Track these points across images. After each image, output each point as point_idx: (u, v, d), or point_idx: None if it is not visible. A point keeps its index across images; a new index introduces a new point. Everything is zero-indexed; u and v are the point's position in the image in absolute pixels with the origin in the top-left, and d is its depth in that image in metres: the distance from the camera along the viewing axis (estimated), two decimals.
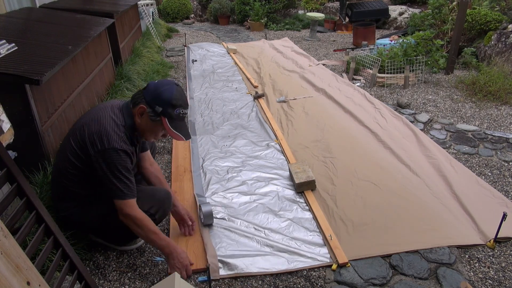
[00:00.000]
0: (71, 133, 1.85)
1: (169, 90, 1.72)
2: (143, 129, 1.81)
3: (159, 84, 1.76)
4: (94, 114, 1.80)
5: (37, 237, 1.38)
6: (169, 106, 1.71)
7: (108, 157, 1.68)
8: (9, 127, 1.80)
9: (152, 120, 1.75)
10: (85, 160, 1.76)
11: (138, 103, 1.76)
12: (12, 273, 1.09)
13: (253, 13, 9.25)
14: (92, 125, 1.74)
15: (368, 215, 2.35)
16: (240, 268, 1.96)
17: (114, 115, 1.77)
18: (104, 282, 1.93)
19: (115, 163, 1.69)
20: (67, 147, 1.81)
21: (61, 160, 1.85)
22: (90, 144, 1.71)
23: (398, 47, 5.06)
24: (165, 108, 1.71)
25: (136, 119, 1.79)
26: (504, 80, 4.29)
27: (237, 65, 5.83)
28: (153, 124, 1.77)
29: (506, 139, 3.32)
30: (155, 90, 1.73)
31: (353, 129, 3.46)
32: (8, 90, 2.08)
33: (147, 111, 1.73)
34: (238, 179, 2.80)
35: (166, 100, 1.71)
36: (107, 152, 1.68)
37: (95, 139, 1.70)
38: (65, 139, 1.90)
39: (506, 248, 2.12)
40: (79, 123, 1.83)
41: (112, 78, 4.14)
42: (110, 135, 1.69)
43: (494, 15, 5.43)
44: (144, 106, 1.73)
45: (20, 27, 3.09)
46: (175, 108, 1.73)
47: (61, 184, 1.87)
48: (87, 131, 1.73)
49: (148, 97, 1.73)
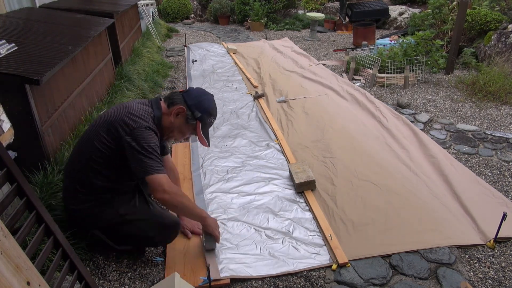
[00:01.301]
0: (97, 125, 1.85)
1: (209, 99, 1.93)
2: (173, 128, 1.90)
3: (201, 92, 1.95)
4: (122, 105, 1.87)
5: (37, 237, 1.38)
6: (206, 113, 1.90)
7: (140, 135, 1.71)
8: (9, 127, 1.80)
9: (187, 122, 1.89)
10: (114, 146, 1.77)
11: (176, 103, 1.88)
12: (12, 273, 1.09)
13: (253, 13, 9.25)
14: (122, 111, 1.80)
15: (368, 215, 2.35)
16: (240, 270, 1.96)
17: (142, 104, 1.86)
18: (104, 282, 1.93)
19: (147, 140, 1.71)
20: (93, 137, 1.82)
21: (85, 151, 1.85)
22: (121, 126, 1.74)
23: (398, 47, 5.06)
24: (203, 115, 1.89)
25: (168, 117, 1.88)
26: (504, 80, 4.29)
27: (237, 65, 5.83)
28: (186, 126, 1.91)
29: (506, 139, 3.32)
30: (197, 97, 1.90)
31: (353, 129, 3.46)
32: (8, 90, 2.08)
33: (186, 113, 1.87)
34: (238, 179, 2.80)
35: (206, 108, 1.90)
36: (139, 130, 1.72)
37: (126, 121, 1.74)
38: (89, 131, 1.90)
39: (506, 248, 2.12)
40: (107, 115, 1.85)
41: (112, 78, 4.13)
42: (140, 117, 1.77)
43: (494, 15, 5.43)
44: (183, 107, 1.86)
45: (20, 27, 3.09)
46: (210, 116, 1.93)
47: (82, 175, 1.86)
48: (117, 117, 1.78)
49: (190, 101, 1.87)
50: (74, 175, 1.90)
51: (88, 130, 1.92)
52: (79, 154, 1.90)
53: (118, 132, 1.74)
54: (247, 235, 2.23)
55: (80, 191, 1.88)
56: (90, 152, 1.82)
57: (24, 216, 1.39)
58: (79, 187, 1.88)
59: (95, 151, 1.80)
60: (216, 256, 2.04)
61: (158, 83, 4.85)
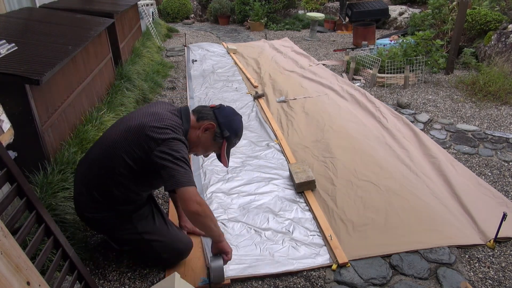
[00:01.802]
0: (124, 134, 1.74)
1: (239, 120, 1.91)
2: (198, 143, 1.84)
3: (232, 112, 1.91)
4: (151, 112, 1.77)
5: (37, 237, 1.38)
6: (234, 134, 1.87)
7: (172, 146, 1.64)
8: (9, 127, 1.80)
9: (214, 139, 1.84)
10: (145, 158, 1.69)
11: (207, 119, 1.83)
12: (12, 273, 1.09)
13: (253, 13, 9.25)
14: (151, 120, 1.71)
15: (368, 215, 2.35)
16: (240, 270, 1.96)
17: (172, 114, 1.79)
18: (104, 282, 1.93)
19: (179, 151, 1.64)
20: (120, 147, 1.72)
21: (109, 160, 1.74)
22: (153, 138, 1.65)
23: (398, 47, 5.06)
24: (231, 135, 1.85)
25: (196, 131, 1.82)
26: (504, 80, 4.29)
27: (237, 65, 5.83)
28: (212, 143, 1.86)
29: (506, 139, 3.32)
30: (228, 116, 1.86)
31: (353, 129, 3.45)
32: (8, 90, 2.08)
33: (215, 130, 1.82)
34: (238, 179, 2.80)
35: (235, 128, 1.87)
36: (170, 141, 1.65)
37: (157, 132, 1.66)
38: (113, 140, 1.76)
39: (506, 248, 2.12)
40: (135, 124, 1.73)
41: (112, 78, 4.13)
42: (172, 128, 1.70)
43: (494, 15, 5.42)
44: (214, 124, 1.82)
45: (20, 27, 3.09)
46: (236, 137, 1.90)
47: (102, 184, 1.78)
48: (146, 128, 1.68)
49: (221, 119, 1.83)
50: (93, 182, 1.80)
51: (112, 137, 1.78)
52: (100, 162, 1.78)
53: (149, 145, 1.66)
54: (247, 235, 2.23)
55: (98, 200, 1.80)
56: (116, 163, 1.72)
57: (24, 216, 1.39)
58: (97, 195, 1.79)
59: (122, 164, 1.72)
60: None
61: (158, 83, 4.85)
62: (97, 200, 1.80)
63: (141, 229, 1.87)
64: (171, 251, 1.94)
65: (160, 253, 1.92)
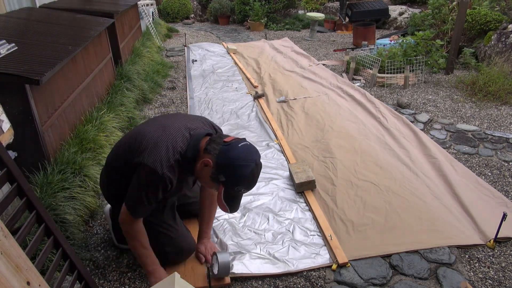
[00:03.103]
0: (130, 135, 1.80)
1: (246, 168, 1.53)
2: (200, 176, 1.66)
3: (243, 155, 1.54)
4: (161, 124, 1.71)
5: (37, 237, 1.38)
6: (233, 181, 1.55)
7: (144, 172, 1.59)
8: (9, 127, 1.80)
9: (211, 179, 1.59)
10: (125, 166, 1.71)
11: (209, 152, 1.57)
12: (12, 273, 1.09)
13: (253, 13, 9.25)
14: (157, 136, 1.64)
15: (368, 215, 2.35)
16: (240, 270, 1.96)
17: (182, 137, 1.65)
18: (104, 282, 1.93)
19: (146, 181, 1.60)
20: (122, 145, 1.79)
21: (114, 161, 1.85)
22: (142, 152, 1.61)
23: (398, 47, 5.06)
24: (228, 182, 1.55)
25: (197, 163, 1.62)
26: (504, 80, 4.29)
27: (237, 65, 5.83)
28: (209, 182, 1.62)
29: (506, 139, 3.32)
30: (232, 159, 1.53)
31: (353, 129, 3.45)
32: (8, 90, 2.08)
33: (212, 170, 1.57)
34: None
35: (236, 176, 1.54)
36: (144, 166, 1.57)
37: (146, 150, 1.60)
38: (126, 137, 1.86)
39: (506, 248, 2.12)
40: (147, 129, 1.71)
41: (112, 78, 4.13)
42: (160, 155, 1.57)
43: (494, 15, 5.42)
44: (210, 162, 1.56)
45: (20, 27, 3.09)
46: (237, 186, 1.57)
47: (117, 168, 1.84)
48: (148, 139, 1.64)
49: (221, 160, 1.54)
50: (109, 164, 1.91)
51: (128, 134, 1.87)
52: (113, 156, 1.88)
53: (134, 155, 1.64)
54: (247, 235, 2.23)
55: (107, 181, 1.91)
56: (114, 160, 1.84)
57: (24, 216, 1.39)
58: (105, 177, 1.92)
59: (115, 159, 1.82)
60: None
61: (158, 83, 4.85)
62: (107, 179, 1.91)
63: (149, 216, 1.84)
64: (175, 247, 1.93)
65: (164, 246, 1.91)
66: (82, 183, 2.37)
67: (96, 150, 2.74)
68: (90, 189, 2.40)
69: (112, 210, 2.11)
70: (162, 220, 1.92)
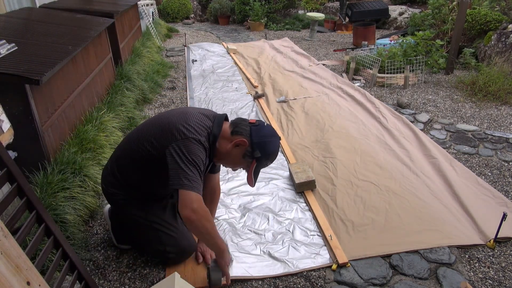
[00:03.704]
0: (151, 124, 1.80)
1: (274, 143, 1.78)
2: (227, 156, 1.78)
3: (270, 133, 1.78)
4: (183, 110, 1.80)
5: (37, 237, 1.38)
6: (266, 156, 1.76)
7: (188, 145, 1.62)
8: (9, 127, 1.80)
9: (244, 157, 1.75)
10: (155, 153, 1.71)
11: (241, 133, 1.74)
12: (12, 273, 1.09)
13: (253, 13, 9.25)
14: (180, 118, 1.72)
15: (368, 215, 2.35)
16: (240, 271, 1.96)
17: (204, 116, 1.77)
18: (104, 282, 1.93)
19: (194, 153, 1.62)
20: (142, 135, 1.78)
21: (131, 146, 1.83)
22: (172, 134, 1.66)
23: (398, 47, 5.06)
24: (262, 157, 1.75)
25: (227, 143, 1.76)
26: (504, 80, 4.29)
27: (237, 65, 5.83)
28: (241, 160, 1.78)
29: (506, 139, 3.32)
30: (264, 137, 1.75)
31: (353, 129, 3.45)
32: (8, 90, 2.08)
33: (247, 148, 1.73)
34: (238, 179, 2.79)
35: (268, 151, 1.76)
36: (188, 140, 1.63)
37: (179, 129, 1.66)
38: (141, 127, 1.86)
39: (506, 248, 2.12)
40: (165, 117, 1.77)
41: (112, 78, 4.14)
42: (195, 128, 1.68)
43: (494, 15, 5.43)
44: (246, 141, 1.73)
45: (20, 27, 3.09)
46: (267, 160, 1.79)
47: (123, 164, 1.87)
48: (173, 122, 1.70)
49: (256, 139, 1.73)
50: (118, 159, 1.91)
51: (141, 128, 1.86)
52: (128, 144, 1.87)
53: (167, 139, 1.66)
54: (247, 235, 2.23)
55: (116, 176, 1.89)
56: (133, 149, 1.80)
57: (24, 216, 1.39)
58: (116, 171, 1.89)
59: (138, 151, 1.77)
60: None
61: (158, 83, 4.85)
62: (115, 176, 1.89)
63: (151, 217, 1.89)
64: (177, 247, 1.93)
65: (165, 246, 1.91)
66: (82, 183, 2.37)
67: (96, 150, 2.74)
68: (90, 189, 2.40)
69: (111, 210, 2.11)
70: (163, 220, 1.92)
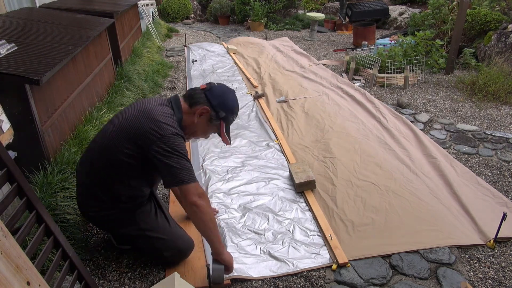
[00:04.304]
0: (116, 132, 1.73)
1: (233, 98, 1.84)
2: (195, 128, 1.83)
3: (224, 89, 1.84)
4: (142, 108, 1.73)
5: (37, 237, 1.38)
6: (230, 112, 1.82)
7: (169, 141, 1.62)
8: (8, 127, 1.80)
9: (211, 122, 1.82)
10: (139, 156, 1.69)
11: (200, 103, 1.78)
12: (12, 273, 1.09)
13: (253, 13, 9.25)
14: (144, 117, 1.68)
15: (368, 215, 2.35)
16: (240, 271, 1.96)
17: (162, 106, 1.76)
18: (104, 282, 1.93)
19: (178, 147, 1.63)
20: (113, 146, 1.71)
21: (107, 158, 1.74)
22: (147, 136, 1.63)
23: (398, 47, 5.06)
24: (227, 114, 1.81)
25: (190, 116, 1.79)
26: (504, 80, 4.29)
27: (237, 65, 5.83)
28: (209, 126, 1.84)
29: (506, 139, 3.32)
30: (221, 96, 1.80)
31: (353, 129, 3.45)
32: (8, 90, 2.08)
33: (210, 113, 1.79)
34: (238, 179, 2.79)
35: (230, 107, 1.82)
36: (167, 137, 1.63)
37: (152, 129, 1.63)
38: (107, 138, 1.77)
39: (506, 248, 2.12)
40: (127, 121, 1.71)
41: (112, 78, 4.13)
42: (166, 122, 1.66)
43: (494, 15, 5.43)
44: (208, 108, 1.78)
45: (20, 27, 3.09)
46: (232, 114, 1.85)
47: (104, 181, 1.79)
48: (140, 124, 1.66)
49: (214, 101, 1.78)
50: (94, 181, 1.81)
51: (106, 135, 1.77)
52: (99, 159, 1.78)
53: (144, 142, 1.64)
54: (247, 235, 2.23)
55: (101, 199, 1.81)
56: (113, 160, 1.72)
57: (24, 216, 1.39)
58: (100, 193, 1.81)
59: (119, 161, 1.71)
60: None
61: (158, 83, 4.85)
62: (99, 199, 1.82)
63: (144, 226, 1.88)
64: (173, 249, 1.93)
65: (162, 251, 1.92)
66: None
67: None
68: None
69: None
70: (157, 226, 1.91)
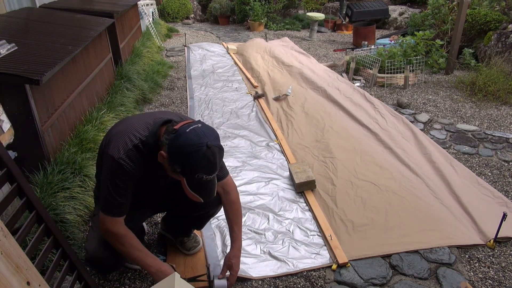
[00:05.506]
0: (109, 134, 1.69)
1: (196, 154, 1.38)
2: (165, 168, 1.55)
3: (188, 141, 1.38)
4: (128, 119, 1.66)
5: (37, 237, 1.38)
6: (188, 171, 1.43)
7: (106, 162, 1.52)
8: (9, 127, 1.80)
9: (173, 171, 1.47)
10: None
11: (163, 145, 1.46)
12: (12, 273, 1.09)
13: (253, 13, 9.25)
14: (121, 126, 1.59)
15: (368, 215, 2.35)
16: (241, 271, 1.95)
17: (145, 124, 1.56)
18: (104, 282, 1.93)
19: (109, 172, 1.50)
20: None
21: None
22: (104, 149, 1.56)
23: (398, 47, 5.06)
24: (185, 172, 1.44)
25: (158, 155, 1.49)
26: (504, 80, 4.29)
27: (237, 65, 5.83)
28: (172, 173, 1.51)
29: (506, 139, 3.32)
30: (182, 148, 1.39)
31: (353, 129, 3.45)
32: (8, 90, 2.08)
33: (168, 162, 1.45)
34: (238, 179, 2.79)
35: (189, 164, 1.40)
36: (106, 156, 1.52)
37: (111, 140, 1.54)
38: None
39: (506, 248, 2.12)
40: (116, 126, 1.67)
41: (112, 78, 4.13)
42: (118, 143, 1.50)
43: (494, 15, 5.43)
44: (164, 154, 1.45)
45: (20, 27, 3.09)
46: (195, 174, 1.42)
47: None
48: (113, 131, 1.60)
49: (171, 150, 1.41)
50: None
51: None
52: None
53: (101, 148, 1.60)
54: (247, 235, 2.23)
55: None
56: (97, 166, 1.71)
57: (24, 216, 1.39)
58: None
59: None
60: (217, 257, 2.04)
61: (158, 83, 4.85)
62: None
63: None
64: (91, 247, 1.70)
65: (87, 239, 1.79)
66: (82, 183, 2.37)
67: (96, 150, 2.74)
68: (90, 189, 2.40)
69: None
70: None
